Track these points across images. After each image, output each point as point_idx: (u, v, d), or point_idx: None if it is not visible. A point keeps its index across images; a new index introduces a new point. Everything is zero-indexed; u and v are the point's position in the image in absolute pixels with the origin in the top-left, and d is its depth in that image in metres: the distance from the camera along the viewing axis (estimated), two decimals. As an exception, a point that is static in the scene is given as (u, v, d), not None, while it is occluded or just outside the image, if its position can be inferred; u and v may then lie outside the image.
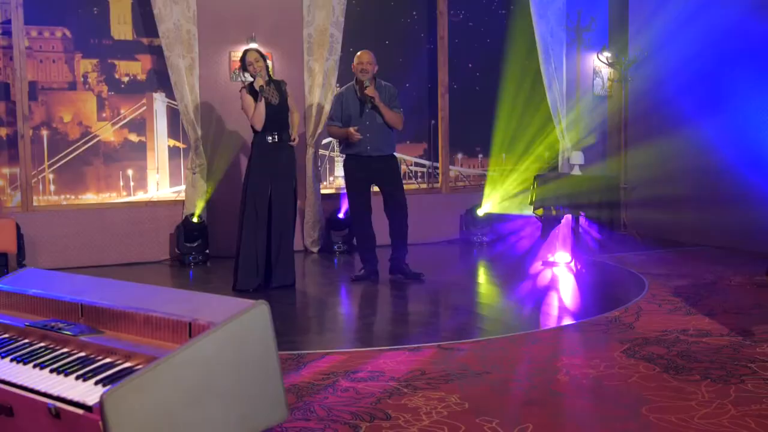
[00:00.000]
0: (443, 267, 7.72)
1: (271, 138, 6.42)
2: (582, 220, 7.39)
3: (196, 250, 7.80)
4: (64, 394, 1.69)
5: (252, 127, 6.47)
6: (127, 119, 8.00)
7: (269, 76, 6.47)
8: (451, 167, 9.31)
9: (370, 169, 6.63)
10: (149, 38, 7.99)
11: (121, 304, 1.99)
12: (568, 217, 7.53)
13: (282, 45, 8.28)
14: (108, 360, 1.85)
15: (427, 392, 3.86)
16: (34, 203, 7.58)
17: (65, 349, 1.96)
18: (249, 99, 6.39)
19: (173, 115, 8.11)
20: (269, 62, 6.70)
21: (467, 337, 4.96)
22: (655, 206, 9.16)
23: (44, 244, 7.45)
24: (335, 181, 8.91)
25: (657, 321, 5.25)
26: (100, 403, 1.53)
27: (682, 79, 8.80)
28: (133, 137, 8.05)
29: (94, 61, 7.85)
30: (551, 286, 6.80)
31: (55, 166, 7.72)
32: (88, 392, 1.68)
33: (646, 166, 9.25)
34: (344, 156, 6.81)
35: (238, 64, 8.09)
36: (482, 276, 7.49)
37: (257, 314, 1.81)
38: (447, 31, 9.12)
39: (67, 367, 1.85)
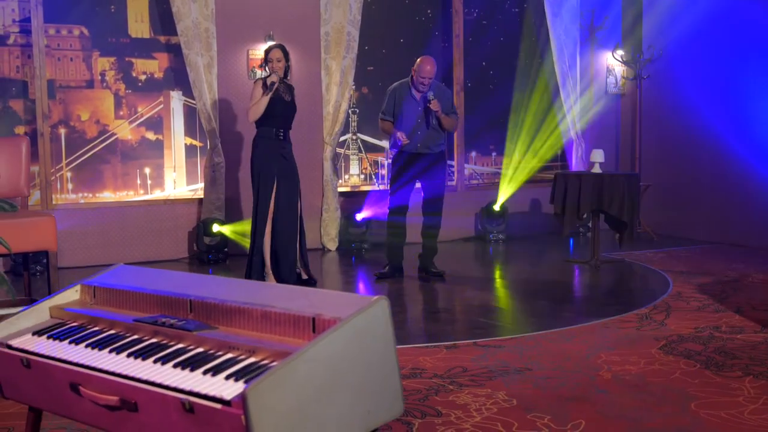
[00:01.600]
0: (464, 264, 7.75)
1: (277, 133, 6.37)
2: (601, 218, 7.40)
3: (214, 248, 7.80)
4: (197, 389, 1.68)
5: (256, 121, 6.38)
6: (145, 117, 7.98)
7: (285, 77, 6.45)
8: (465, 165, 9.33)
9: (416, 165, 6.64)
10: (166, 36, 7.98)
11: (233, 299, 1.98)
12: (588, 215, 7.55)
13: (299, 43, 8.27)
14: (230, 355, 1.83)
15: (473, 389, 3.88)
16: (53, 201, 7.57)
17: (181, 345, 1.95)
18: (258, 91, 6.35)
19: (190, 114, 8.10)
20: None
21: (500, 334, 4.98)
22: (670, 204, 9.20)
23: (63, 242, 7.42)
24: (350, 179, 8.92)
25: (688, 318, 5.28)
26: (243, 397, 1.52)
27: (698, 77, 8.84)
28: (150, 135, 8.04)
29: (112, 59, 7.84)
30: (575, 283, 6.83)
31: (72, 164, 7.70)
32: (221, 387, 1.67)
33: (661, 164, 9.28)
34: (393, 152, 6.80)
35: (255, 62, 8.19)
36: (504, 273, 7.51)
37: (379, 309, 1.82)
38: (462, 29, 9.14)
39: (190, 362, 1.84)
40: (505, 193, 9.17)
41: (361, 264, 7.86)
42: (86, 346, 2.05)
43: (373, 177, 8.98)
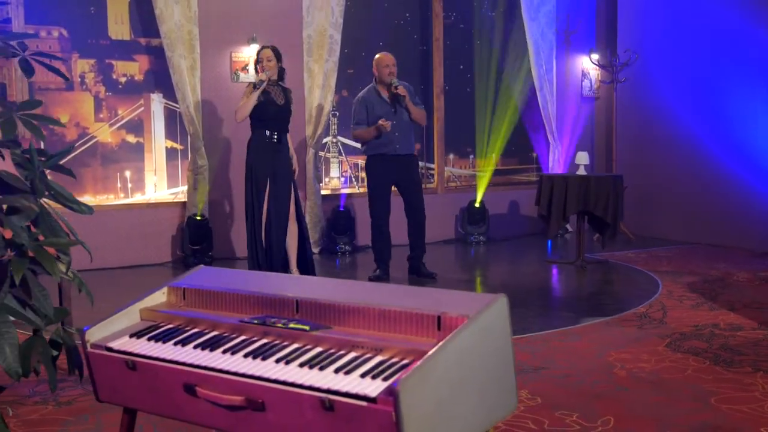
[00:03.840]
0: (449, 266, 7.78)
1: (270, 136, 6.39)
2: (586, 219, 7.50)
3: (200, 251, 7.72)
4: (335, 387, 1.68)
5: (250, 122, 6.42)
6: (125, 120, 7.88)
7: (281, 79, 6.46)
8: (444, 168, 9.39)
9: (394, 168, 6.68)
10: (147, 38, 7.89)
11: (344, 299, 1.96)
12: (573, 217, 7.65)
13: (282, 46, 8.12)
14: (354, 354, 1.82)
15: (495, 388, 3.90)
16: (33, 206, 7.42)
17: (296, 345, 1.93)
18: (247, 93, 6.40)
19: (171, 116, 8.02)
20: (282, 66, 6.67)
21: (506, 335, 5.01)
22: (646, 205, 9.37)
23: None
24: (330, 182, 8.91)
25: (685, 316, 5.39)
26: (395, 394, 1.52)
27: (672, 79, 9.02)
28: (131, 138, 7.94)
29: (92, 61, 7.72)
30: (566, 284, 6.91)
31: (52, 168, 7.55)
32: (360, 384, 1.68)
33: (637, 166, 9.44)
34: (367, 156, 6.80)
35: (238, 65, 8.15)
36: (492, 275, 7.56)
37: (499, 306, 1.84)
38: (442, 32, 9.19)
39: (316, 361, 1.82)
40: (482, 188, 9.25)
41: (346, 267, 7.85)
42: (195, 347, 2.02)
43: (353, 180, 8.98)
